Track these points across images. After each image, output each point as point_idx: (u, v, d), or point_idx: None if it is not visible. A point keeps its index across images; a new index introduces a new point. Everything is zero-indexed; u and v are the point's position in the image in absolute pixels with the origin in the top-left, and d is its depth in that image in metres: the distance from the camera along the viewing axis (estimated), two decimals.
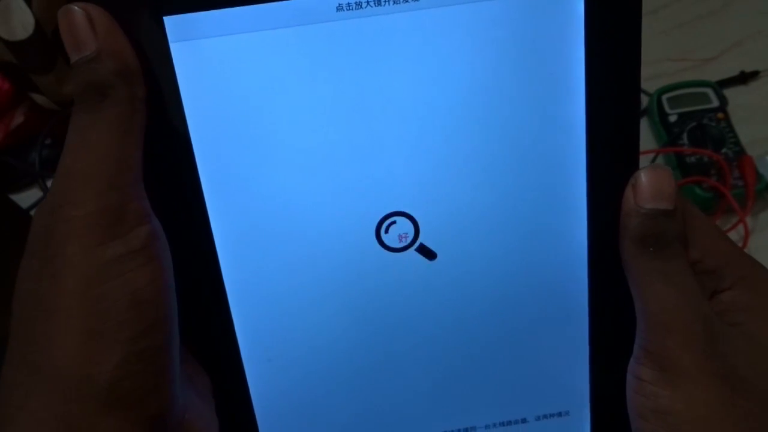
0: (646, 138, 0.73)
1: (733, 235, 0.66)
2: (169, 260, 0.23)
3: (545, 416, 0.30)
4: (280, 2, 0.23)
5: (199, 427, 0.24)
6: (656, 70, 0.76)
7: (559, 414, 0.30)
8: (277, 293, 0.27)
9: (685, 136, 0.69)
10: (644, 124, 0.74)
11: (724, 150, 0.68)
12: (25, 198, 0.67)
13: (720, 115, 0.70)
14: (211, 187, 0.25)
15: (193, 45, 0.23)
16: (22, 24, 0.58)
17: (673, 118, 0.70)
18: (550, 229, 0.28)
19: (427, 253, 0.27)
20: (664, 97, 0.71)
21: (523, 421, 0.30)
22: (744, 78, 0.75)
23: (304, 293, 0.27)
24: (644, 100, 0.74)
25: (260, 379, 0.28)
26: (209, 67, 0.24)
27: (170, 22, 0.22)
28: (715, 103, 0.71)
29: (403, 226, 0.27)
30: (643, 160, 0.70)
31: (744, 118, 0.71)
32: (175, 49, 0.23)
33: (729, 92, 0.73)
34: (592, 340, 0.29)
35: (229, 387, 0.28)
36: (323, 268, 0.27)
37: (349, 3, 0.24)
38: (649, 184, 0.26)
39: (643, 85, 0.77)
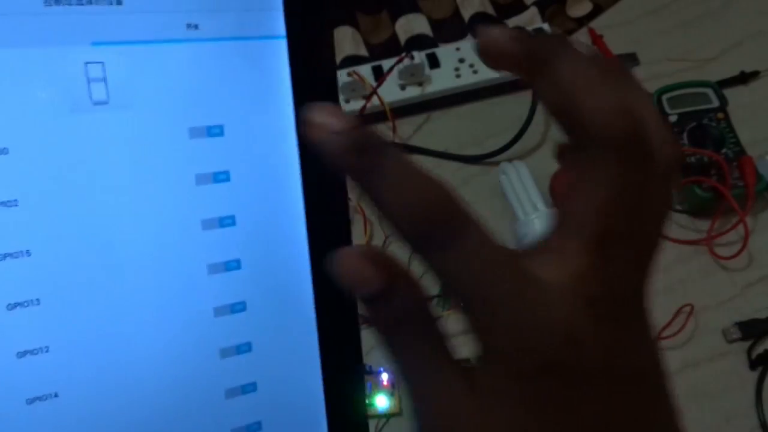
0: None
1: (733, 235, 0.66)
2: None
3: None
4: None
5: None
6: (656, 70, 0.76)
7: None
8: None
9: (685, 136, 0.69)
10: None
11: (724, 150, 0.68)
12: None
13: (720, 115, 0.70)
14: None
15: None
16: None
17: (673, 118, 0.70)
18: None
19: None
20: (664, 97, 0.71)
21: None
22: (744, 78, 0.75)
23: (1, 316, 0.24)
24: None
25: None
26: None
27: None
28: (715, 103, 0.71)
29: None
30: None
31: (744, 118, 0.71)
32: None
33: (729, 92, 0.73)
34: None
35: None
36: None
37: None
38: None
39: (644, 85, 0.77)
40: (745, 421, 0.60)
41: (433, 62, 0.74)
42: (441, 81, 0.74)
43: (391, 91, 0.72)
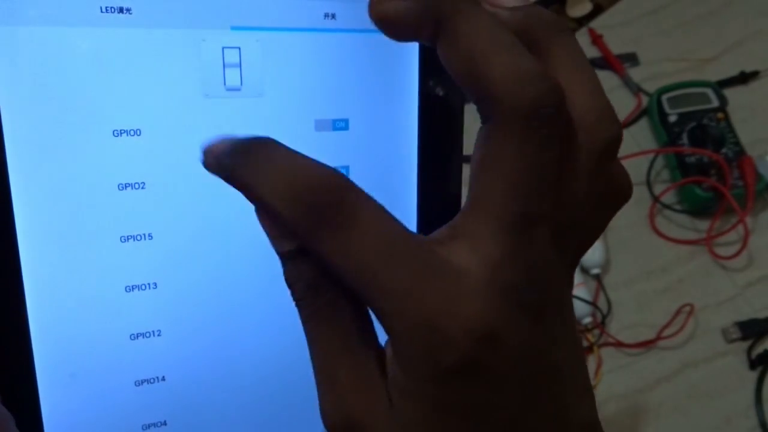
0: (647, 138, 0.73)
1: (733, 235, 0.66)
2: None
3: None
4: None
5: None
6: (656, 70, 0.76)
7: None
8: (87, 294, 0.24)
9: (685, 136, 0.69)
10: (644, 124, 0.74)
11: (724, 150, 0.68)
12: None
13: (720, 115, 0.70)
14: (17, 171, 0.23)
15: (10, 31, 0.22)
16: None
17: (673, 118, 0.70)
18: None
19: None
20: (664, 97, 0.71)
21: None
22: (744, 78, 0.75)
23: (118, 294, 0.24)
24: (644, 100, 0.74)
25: (57, 399, 0.24)
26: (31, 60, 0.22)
27: None
28: (715, 103, 0.71)
29: None
30: (643, 161, 0.70)
31: (744, 118, 0.71)
32: None
33: (729, 92, 0.73)
34: None
35: (16, 403, 0.23)
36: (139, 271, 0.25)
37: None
38: None
39: (643, 85, 0.77)
40: (745, 421, 0.60)
41: None
42: None
43: None
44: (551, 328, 0.18)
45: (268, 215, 0.18)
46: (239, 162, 0.18)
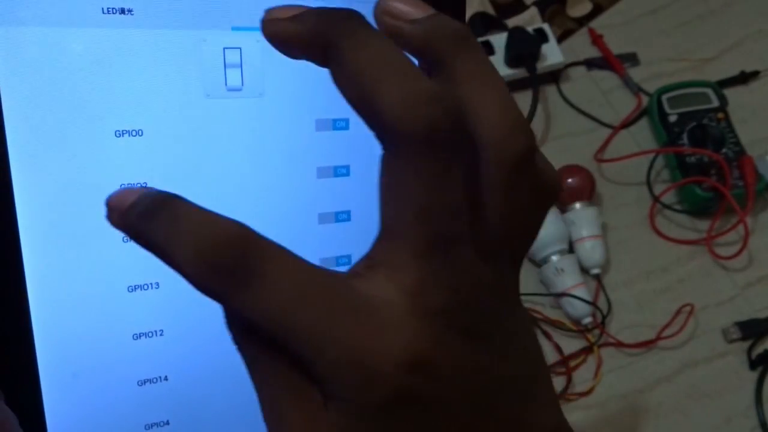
0: (647, 138, 0.73)
1: (733, 235, 0.66)
2: None
3: None
4: None
5: None
6: (656, 70, 0.76)
7: None
8: (90, 294, 0.24)
9: (685, 136, 0.69)
10: (644, 124, 0.74)
11: (724, 150, 0.68)
12: None
13: (720, 115, 0.70)
14: (20, 171, 0.23)
15: (12, 32, 0.22)
16: None
17: (673, 118, 0.70)
18: None
19: None
20: (664, 97, 0.71)
21: None
22: (744, 78, 0.75)
23: (120, 294, 0.25)
24: (644, 100, 0.74)
25: (60, 399, 0.24)
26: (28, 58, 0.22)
27: None
28: (715, 103, 0.71)
29: None
30: (643, 161, 0.70)
31: (744, 118, 0.71)
32: None
33: (729, 92, 0.73)
34: None
35: (19, 403, 0.23)
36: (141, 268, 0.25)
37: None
38: None
39: (643, 85, 0.77)
40: (745, 421, 0.60)
41: None
42: None
43: None
44: (493, 343, 0.18)
45: None
46: (144, 225, 0.17)
